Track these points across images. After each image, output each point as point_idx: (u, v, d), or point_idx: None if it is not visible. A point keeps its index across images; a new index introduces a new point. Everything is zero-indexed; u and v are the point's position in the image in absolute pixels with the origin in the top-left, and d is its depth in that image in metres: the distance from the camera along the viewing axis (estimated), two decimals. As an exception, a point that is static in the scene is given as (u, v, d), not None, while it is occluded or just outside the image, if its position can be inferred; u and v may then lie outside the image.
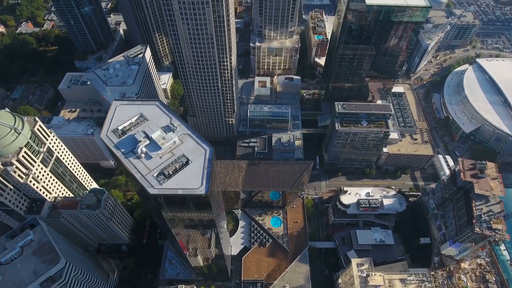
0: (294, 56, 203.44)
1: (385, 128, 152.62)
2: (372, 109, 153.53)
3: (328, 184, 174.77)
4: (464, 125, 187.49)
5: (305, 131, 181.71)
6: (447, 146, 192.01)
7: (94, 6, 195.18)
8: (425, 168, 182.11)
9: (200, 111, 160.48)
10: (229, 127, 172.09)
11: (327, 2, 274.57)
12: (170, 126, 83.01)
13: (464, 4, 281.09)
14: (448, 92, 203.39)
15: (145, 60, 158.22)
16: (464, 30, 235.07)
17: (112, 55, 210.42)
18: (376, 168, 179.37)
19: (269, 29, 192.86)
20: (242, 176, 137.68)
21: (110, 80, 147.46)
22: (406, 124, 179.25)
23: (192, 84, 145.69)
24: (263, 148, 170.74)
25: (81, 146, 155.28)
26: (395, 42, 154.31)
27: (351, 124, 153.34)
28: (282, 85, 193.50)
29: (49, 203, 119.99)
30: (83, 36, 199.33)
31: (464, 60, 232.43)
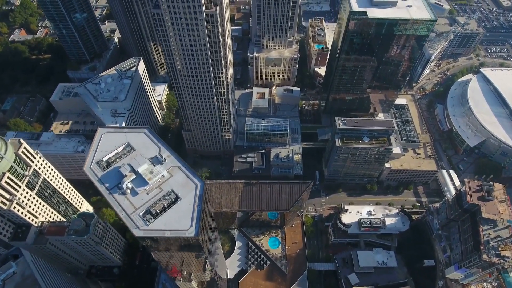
0: (294, 66, 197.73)
1: (387, 144, 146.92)
2: (374, 125, 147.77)
3: (328, 200, 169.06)
4: (469, 138, 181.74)
5: (305, 145, 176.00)
6: (451, 160, 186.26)
7: (87, 14, 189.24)
8: (428, 183, 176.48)
9: (195, 126, 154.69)
10: (226, 141, 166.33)
11: (327, 8, 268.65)
12: (158, 157, 77.27)
13: (467, 10, 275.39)
14: (451, 103, 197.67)
15: (138, 74, 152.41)
16: (468, 38, 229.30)
17: (106, 65, 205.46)
18: (378, 184, 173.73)
19: (268, 38, 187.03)
20: (238, 196, 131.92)
21: (101, 96, 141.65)
22: (409, 138, 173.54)
23: (186, 99, 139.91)
24: (260, 164, 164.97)
25: (71, 163, 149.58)
26: (399, 55, 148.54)
27: (352, 141, 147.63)
28: (281, 97, 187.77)
29: (36, 228, 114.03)
30: (75, 46, 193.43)
31: (467, 69, 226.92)
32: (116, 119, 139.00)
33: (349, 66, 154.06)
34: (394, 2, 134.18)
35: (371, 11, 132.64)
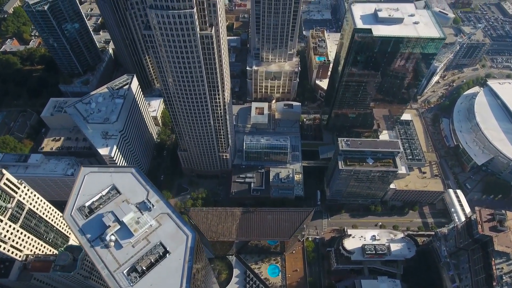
0: (294, 79, 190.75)
1: (392, 167, 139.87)
2: (378, 146, 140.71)
3: (330, 222, 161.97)
4: (476, 156, 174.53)
5: (306, 163, 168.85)
6: (458, 178, 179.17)
7: (79, 26, 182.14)
8: (435, 203, 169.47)
9: (191, 146, 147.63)
10: (223, 161, 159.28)
11: (329, 17, 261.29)
12: (146, 203, 70.22)
13: (472, 18, 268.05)
14: (458, 118, 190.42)
15: (131, 92, 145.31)
16: (474, 49, 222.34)
17: (100, 77, 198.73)
18: (382, 204, 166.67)
19: (267, 50, 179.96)
20: (236, 224, 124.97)
21: (91, 116, 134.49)
22: (414, 156, 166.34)
23: (181, 120, 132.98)
24: (259, 185, 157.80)
25: (61, 186, 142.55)
26: (405, 72, 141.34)
27: (355, 163, 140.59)
28: (281, 113, 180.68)
29: (20, 263, 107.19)
30: (67, 59, 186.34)
31: (473, 81, 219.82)
32: (107, 142, 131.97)
33: (353, 84, 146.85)
34: (400, 18, 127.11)
35: (376, 28, 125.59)
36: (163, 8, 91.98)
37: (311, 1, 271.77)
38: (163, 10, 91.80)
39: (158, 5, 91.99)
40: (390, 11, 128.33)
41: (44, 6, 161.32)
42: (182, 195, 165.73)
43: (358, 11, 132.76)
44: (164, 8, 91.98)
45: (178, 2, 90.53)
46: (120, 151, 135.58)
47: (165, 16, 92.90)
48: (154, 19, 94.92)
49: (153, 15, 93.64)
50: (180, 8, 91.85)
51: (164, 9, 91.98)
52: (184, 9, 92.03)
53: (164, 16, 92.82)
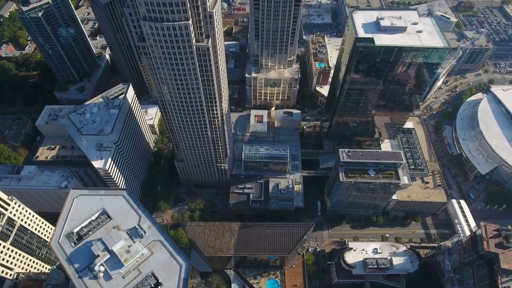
0: (294, 86, 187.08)
1: (395, 179, 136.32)
2: (380, 158, 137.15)
3: (330, 234, 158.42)
4: (480, 165, 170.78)
5: (306, 173, 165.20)
6: (461, 187, 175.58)
7: (75, 32, 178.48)
8: (437, 214, 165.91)
9: (188, 157, 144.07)
10: (222, 171, 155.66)
11: (329, 21, 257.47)
12: (138, 229, 66.68)
13: (474, 22, 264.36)
14: (460, 125, 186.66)
15: (126, 102, 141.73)
16: (477, 54, 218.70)
17: (96, 84, 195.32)
18: (384, 214, 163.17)
19: (267, 56, 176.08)
20: (234, 239, 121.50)
21: (85, 128, 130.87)
22: (417, 166, 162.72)
23: (178, 132, 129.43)
24: (258, 195, 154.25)
25: (55, 198, 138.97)
26: (408, 81, 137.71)
27: (357, 174, 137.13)
28: (281, 121, 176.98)
29: (10, 282, 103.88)
30: (63, 66, 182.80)
31: (476, 87, 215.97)
32: (102, 154, 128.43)
33: (354, 92, 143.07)
34: (403, 27, 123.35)
35: (378, 37, 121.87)
36: (157, 20, 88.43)
37: (311, 5, 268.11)
38: (157, 22, 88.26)
39: (152, 17, 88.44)
40: (393, 19, 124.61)
41: (38, 13, 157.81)
42: (179, 205, 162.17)
43: (359, 19, 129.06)
44: (158, 20, 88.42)
45: (173, 14, 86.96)
46: (115, 163, 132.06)
47: (160, 28, 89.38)
48: (148, 31, 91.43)
49: (147, 27, 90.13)
50: (175, 20, 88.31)
51: (159, 21, 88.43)
52: (179, 21, 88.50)
53: (159, 28, 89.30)
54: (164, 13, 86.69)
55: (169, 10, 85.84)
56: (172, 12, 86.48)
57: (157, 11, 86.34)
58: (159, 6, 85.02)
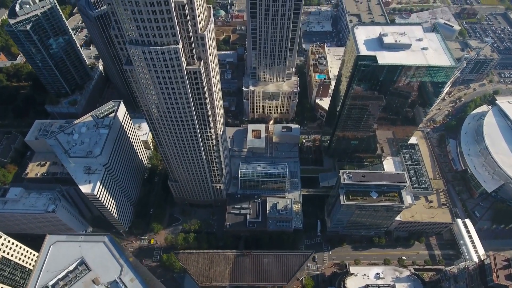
0: (293, 100, 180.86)
1: (398, 201, 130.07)
2: (383, 179, 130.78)
3: (331, 255, 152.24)
4: (486, 182, 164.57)
5: (305, 192, 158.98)
6: (466, 205, 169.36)
7: (66, 44, 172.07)
8: (442, 233, 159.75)
9: (182, 178, 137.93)
10: (217, 191, 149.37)
11: (329, 28, 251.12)
12: (118, 283, 60.29)
13: (478, 30, 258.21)
14: (465, 140, 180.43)
15: (117, 120, 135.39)
16: (481, 64, 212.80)
17: (88, 97, 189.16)
18: (386, 234, 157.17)
19: (264, 67, 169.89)
20: (229, 268, 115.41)
21: (73, 149, 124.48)
22: (421, 185, 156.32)
23: (170, 154, 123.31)
24: (256, 217, 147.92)
25: (42, 222, 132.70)
26: (413, 100, 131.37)
27: (358, 197, 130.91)
28: (279, 136, 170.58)
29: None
30: (53, 78, 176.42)
31: (481, 98, 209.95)
32: (90, 177, 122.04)
33: (355, 111, 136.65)
34: (408, 44, 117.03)
35: (381, 55, 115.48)
36: (145, 44, 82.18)
37: (311, 12, 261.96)
38: (145, 46, 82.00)
39: (139, 41, 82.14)
40: (397, 36, 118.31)
41: (27, 25, 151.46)
42: (173, 225, 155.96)
43: (361, 35, 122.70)
44: (145, 44, 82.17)
45: (161, 37, 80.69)
46: (105, 187, 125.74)
47: (147, 52, 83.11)
48: (134, 55, 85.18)
49: (133, 51, 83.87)
50: (163, 44, 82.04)
51: (146, 45, 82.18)
52: (168, 44, 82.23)
53: (146, 52, 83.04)
54: (152, 36, 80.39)
55: (156, 33, 79.59)
56: (160, 35, 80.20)
57: (144, 35, 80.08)
58: (146, 30, 78.74)
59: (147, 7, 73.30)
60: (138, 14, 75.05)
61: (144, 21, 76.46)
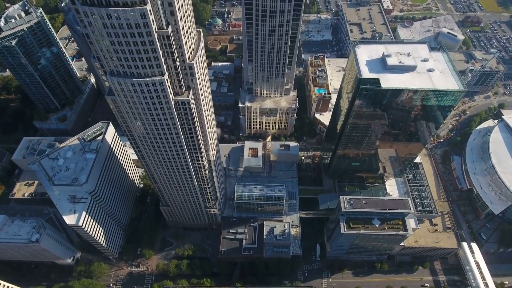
0: (291, 116, 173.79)
1: (402, 230, 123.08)
2: (386, 206, 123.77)
3: (330, 282, 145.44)
4: (492, 203, 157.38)
5: (304, 214, 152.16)
6: (471, 227, 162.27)
7: (54, 58, 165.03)
8: (447, 257, 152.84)
9: (174, 204, 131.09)
10: (212, 215, 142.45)
11: (329, 38, 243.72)
12: None
13: (482, 39, 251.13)
14: (470, 157, 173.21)
15: (105, 143, 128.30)
16: (486, 76, 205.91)
17: (79, 112, 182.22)
18: (389, 259, 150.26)
19: (261, 83, 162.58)
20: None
21: (58, 176, 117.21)
22: (425, 207, 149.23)
23: (159, 181, 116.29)
24: (252, 242, 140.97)
25: (27, 250, 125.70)
26: (418, 123, 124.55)
27: (360, 225, 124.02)
28: (277, 155, 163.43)
29: None
30: (42, 94, 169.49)
31: (486, 111, 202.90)
32: (75, 207, 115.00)
33: (357, 134, 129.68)
34: (413, 66, 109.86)
35: (384, 77, 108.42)
36: (127, 76, 75.14)
37: (310, 21, 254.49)
38: (127, 78, 74.94)
39: (120, 72, 75.12)
40: (401, 56, 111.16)
41: (12, 41, 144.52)
42: (166, 250, 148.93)
43: (363, 55, 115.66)
44: (128, 76, 75.13)
45: (144, 69, 73.63)
46: (92, 215, 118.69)
47: (130, 84, 76.09)
48: (116, 87, 78.15)
49: (114, 82, 76.83)
50: (147, 75, 75.01)
51: (128, 76, 75.15)
52: (153, 76, 75.18)
53: (128, 84, 76.01)
54: (134, 68, 73.38)
55: (139, 65, 72.55)
56: (143, 67, 73.18)
57: (126, 66, 73.04)
58: (128, 61, 71.67)
59: (127, 38, 66.34)
60: (118, 45, 68.10)
61: (125, 52, 69.48)
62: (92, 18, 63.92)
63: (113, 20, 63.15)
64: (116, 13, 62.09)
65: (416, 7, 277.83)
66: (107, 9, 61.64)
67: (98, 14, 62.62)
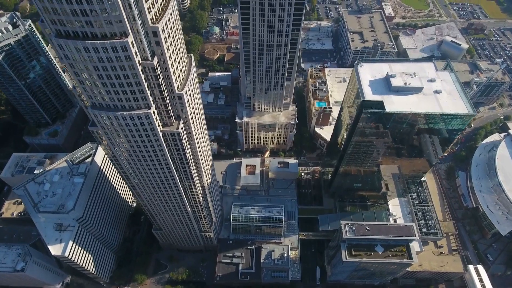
0: (291, 131, 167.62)
1: (406, 257, 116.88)
2: (390, 233, 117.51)
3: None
4: (499, 223, 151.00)
5: (303, 236, 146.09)
6: (477, 247, 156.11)
7: (44, 72, 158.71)
8: (452, 280, 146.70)
9: (166, 228, 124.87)
10: (207, 238, 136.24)
11: (330, 46, 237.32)
12: None
13: (486, 47, 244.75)
14: (476, 174, 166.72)
15: (95, 166, 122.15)
16: (492, 88, 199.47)
17: (71, 126, 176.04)
18: (392, 282, 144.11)
19: (259, 97, 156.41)
20: None
21: (43, 203, 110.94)
22: (429, 229, 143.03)
23: (150, 207, 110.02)
24: (249, 266, 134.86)
25: (12, 278, 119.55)
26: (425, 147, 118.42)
27: (362, 252, 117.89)
28: (275, 173, 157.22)
29: None
30: (32, 109, 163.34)
31: (491, 124, 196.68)
32: (62, 236, 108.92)
33: (359, 156, 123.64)
34: (419, 88, 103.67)
35: (389, 99, 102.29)
36: (110, 109, 68.99)
37: (310, 28, 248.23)
38: (110, 112, 68.77)
39: (103, 105, 69.00)
40: (406, 77, 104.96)
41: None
42: (160, 273, 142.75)
43: (366, 74, 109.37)
44: (111, 109, 68.98)
45: (129, 101, 67.47)
46: (80, 244, 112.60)
47: (113, 118, 69.91)
48: (99, 119, 71.98)
49: (97, 115, 70.65)
50: (132, 108, 68.88)
51: (112, 109, 68.99)
52: (138, 109, 69.06)
53: (112, 117, 69.85)
54: (118, 101, 67.28)
55: (123, 98, 66.49)
56: (127, 100, 67.08)
57: (108, 99, 66.98)
58: (110, 94, 65.63)
59: (107, 71, 60.27)
60: (98, 78, 62.04)
61: (107, 85, 63.42)
62: (69, 52, 57.81)
63: (91, 53, 57.03)
64: (94, 46, 55.99)
65: (418, 14, 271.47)
66: (83, 42, 55.51)
67: (75, 47, 56.53)
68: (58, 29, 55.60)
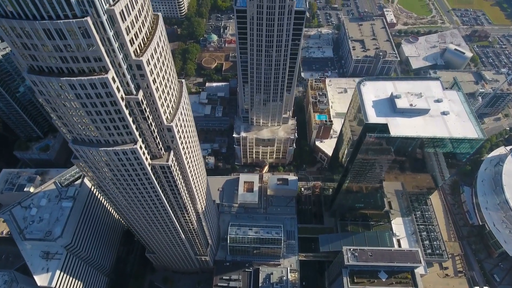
0: (290, 146, 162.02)
1: (411, 285, 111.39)
2: (394, 259, 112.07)
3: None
4: (506, 243, 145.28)
5: (303, 257, 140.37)
6: (484, 267, 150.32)
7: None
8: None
9: (160, 252, 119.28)
10: (203, 262, 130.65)
11: (330, 54, 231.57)
12: None
13: (491, 55, 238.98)
14: (482, 190, 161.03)
15: (84, 188, 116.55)
16: (497, 99, 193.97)
17: (63, 141, 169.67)
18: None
19: (258, 111, 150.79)
20: None
21: (30, 228, 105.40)
22: (434, 250, 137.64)
23: (142, 233, 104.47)
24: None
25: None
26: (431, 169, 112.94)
27: (364, 279, 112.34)
28: (274, 190, 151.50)
29: None
30: (22, 123, 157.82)
31: (497, 136, 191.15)
32: (48, 264, 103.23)
33: (361, 174, 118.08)
34: (425, 109, 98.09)
35: (393, 122, 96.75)
36: (93, 144, 63.49)
37: (311, 36, 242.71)
38: (93, 147, 63.28)
39: (85, 140, 63.50)
40: (411, 97, 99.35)
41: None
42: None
43: (369, 94, 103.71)
44: (94, 144, 63.50)
45: (112, 136, 62.03)
46: (68, 272, 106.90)
47: (96, 153, 64.43)
48: (81, 154, 66.42)
49: (78, 150, 65.11)
50: (117, 143, 63.40)
51: (94, 145, 63.51)
52: (124, 144, 63.59)
53: (95, 153, 64.36)
54: (101, 136, 61.82)
55: (106, 133, 61.01)
56: (111, 135, 61.61)
57: (91, 134, 61.50)
58: (92, 131, 60.18)
59: (87, 107, 54.81)
60: (78, 115, 56.59)
61: (88, 122, 57.94)
62: (43, 88, 52.31)
63: (68, 90, 51.53)
64: (71, 83, 50.45)
65: (421, 20, 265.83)
66: (58, 78, 49.97)
67: (49, 84, 51.02)
68: (30, 64, 50.16)
